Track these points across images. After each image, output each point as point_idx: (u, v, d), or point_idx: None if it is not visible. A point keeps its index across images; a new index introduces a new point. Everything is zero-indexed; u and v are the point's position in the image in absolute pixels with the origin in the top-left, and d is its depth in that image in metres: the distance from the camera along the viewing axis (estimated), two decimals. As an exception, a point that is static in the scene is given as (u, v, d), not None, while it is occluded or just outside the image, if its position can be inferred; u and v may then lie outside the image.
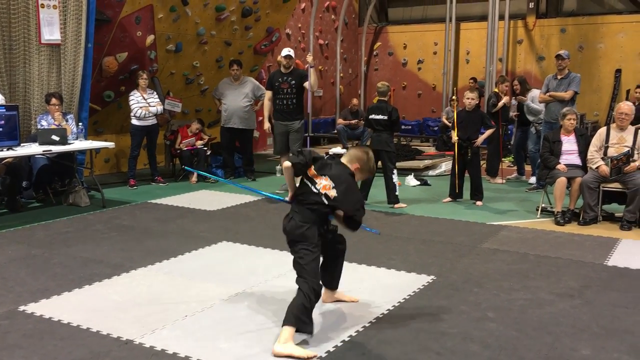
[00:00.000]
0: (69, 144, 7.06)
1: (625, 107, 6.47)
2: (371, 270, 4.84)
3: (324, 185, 3.53)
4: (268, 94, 8.15)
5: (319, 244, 3.58)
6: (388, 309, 4.00)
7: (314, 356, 3.31)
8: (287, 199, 3.79)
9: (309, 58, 7.90)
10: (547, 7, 13.23)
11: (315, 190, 3.55)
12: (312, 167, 3.59)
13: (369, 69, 15.29)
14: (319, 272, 3.58)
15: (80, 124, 7.62)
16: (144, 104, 8.43)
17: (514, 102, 8.82)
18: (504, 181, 9.00)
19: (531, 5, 13.12)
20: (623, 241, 5.77)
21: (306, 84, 7.89)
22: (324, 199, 3.52)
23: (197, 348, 3.42)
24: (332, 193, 3.51)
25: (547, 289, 4.42)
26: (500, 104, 8.75)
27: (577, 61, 12.35)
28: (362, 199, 3.70)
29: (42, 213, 6.89)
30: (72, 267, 4.87)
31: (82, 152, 7.62)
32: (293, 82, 7.90)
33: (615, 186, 6.35)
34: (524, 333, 3.64)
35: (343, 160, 3.68)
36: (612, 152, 6.39)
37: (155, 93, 8.76)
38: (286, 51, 8.00)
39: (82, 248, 5.42)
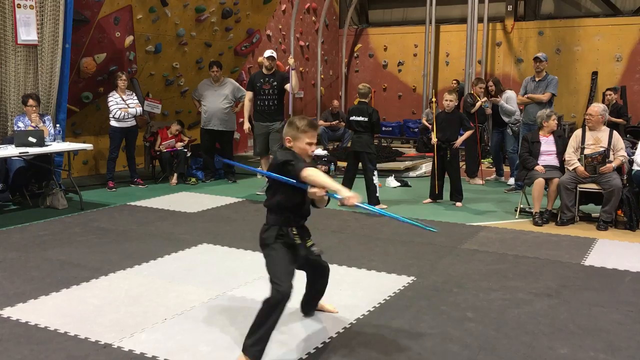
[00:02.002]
0: (46, 145, 6.97)
1: (592, 108, 6.60)
2: (352, 272, 4.85)
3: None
4: (249, 94, 8.12)
5: (275, 245, 3.37)
6: (368, 310, 4.01)
7: None
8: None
9: (290, 60, 7.90)
10: (525, 10, 13.39)
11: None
12: None
13: (350, 70, 15.33)
14: (283, 276, 3.29)
15: (57, 125, 7.53)
16: (122, 106, 8.36)
17: (486, 104, 8.92)
18: (484, 182, 9.08)
19: (509, 8, 13.27)
20: (599, 241, 5.85)
21: (287, 86, 7.88)
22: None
23: (176, 351, 3.39)
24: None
25: (526, 288, 4.47)
26: (478, 104, 8.84)
27: (555, 63, 12.52)
28: (278, 162, 3.29)
29: (18, 216, 6.79)
30: (49, 270, 4.80)
31: (60, 154, 7.52)
32: (275, 83, 7.89)
33: (591, 187, 6.44)
34: (503, 333, 3.68)
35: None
36: (588, 152, 6.48)
37: (134, 94, 8.68)
38: (269, 52, 7.98)
39: (60, 251, 5.35)
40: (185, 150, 9.12)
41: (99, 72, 8.80)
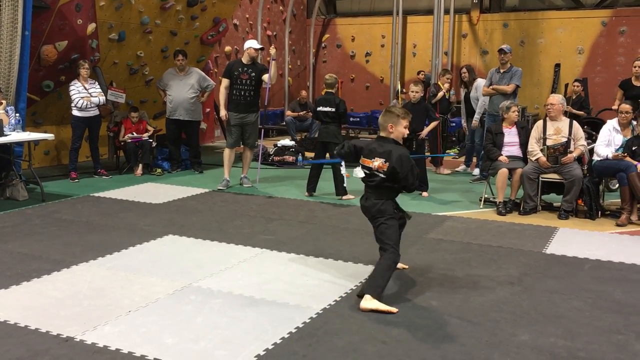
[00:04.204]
0: (5, 135, 6.78)
1: (552, 98, 6.75)
2: (319, 261, 4.86)
3: (378, 164, 4.06)
4: (225, 82, 7.89)
5: (395, 216, 4.13)
6: (335, 300, 4.03)
7: (395, 312, 3.82)
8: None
9: (272, 50, 7.76)
10: (491, 2, 13.55)
11: (372, 171, 4.11)
12: (361, 156, 4.19)
13: (318, 61, 15.31)
14: (398, 242, 4.11)
15: (17, 114, 7.33)
16: (85, 95, 8.18)
17: (452, 92, 9.02)
18: (450, 172, 9.17)
19: (475, 0, 13.41)
20: (560, 230, 5.99)
21: (265, 77, 7.76)
22: (381, 174, 4.06)
23: (141, 344, 3.35)
24: (385, 167, 4.04)
25: (489, 277, 4.55)
26: (440, 94, 8.92)
27: (519, 55, 12.71)
28: (414, 166, 4.08)
29: (-23, 208, 6.61)
30: (9, 263, 4.69)
31: (20, 144, 7.34)
32: (253, 74, 7.73)
33: (553, 177, 6.58)
34: (466, 320, 3.74)
35: (382, 134, 4.22)
36: (550, 143, 6.62)
37: (97, 83, 8.50)
38: (256, 43, 7.82)
39: (20, 243, 5.22)
40: (151, 140, 8.99)
41: (61, 60, 8.59)
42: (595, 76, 12.47)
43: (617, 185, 7.42)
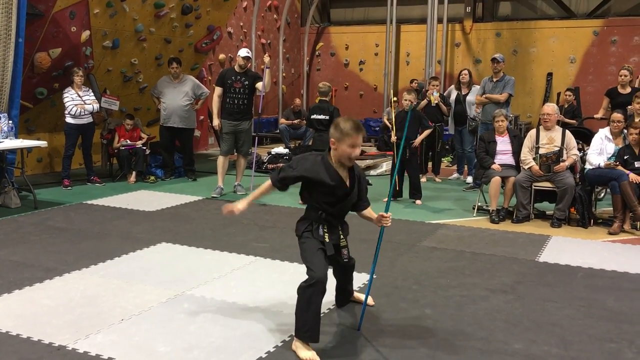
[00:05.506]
0: (-2, 142, 6.77)
1: (548, 108, 6.77)
2: (312, 270, 4.85)
3: None
4: (218, 90, 7.91)
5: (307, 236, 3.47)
6: (328, 308, 4.02)
7: None
8: None
9: (266, 59, 7.77)
10: (483, 11, 13.64)
11: None
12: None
13: (312, 69, 15.35)
14: (314, 262, 3.37)
15: (10, 121, 7.30)
16: (78, 102, 8.17)
17: (435, 93, 9.02)
18: (425, 179, 9.11)
19: (468, 9, 13.50)
20: (553, 238, 6.01)
21: (259, 85, 7.77)
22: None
23: (133, 352, 3.34)
24: None
25: (482, 285, 4.56)
26: (423, 102, 8.97)
27: (512, 64, 12.80)
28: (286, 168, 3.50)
29: (-32, 215, 6.58)
30: (1, 271, 4.66)
31: (12, 151, 7.31)
32: (246, 82, 7.75)
33: (546, 185, 6.61)
34: (460, 329, 3.74)
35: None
36: (542, 152, 6.65)
37: (90, 90, 8.49)
38: (245, 52, 7.84)
39: (12, 251, 5.19)
40: (144, 147, 8.97)
41: (54, 67, 8.58)
42: (587, 85, 12.56)
43: (602, 195, 7.53)
